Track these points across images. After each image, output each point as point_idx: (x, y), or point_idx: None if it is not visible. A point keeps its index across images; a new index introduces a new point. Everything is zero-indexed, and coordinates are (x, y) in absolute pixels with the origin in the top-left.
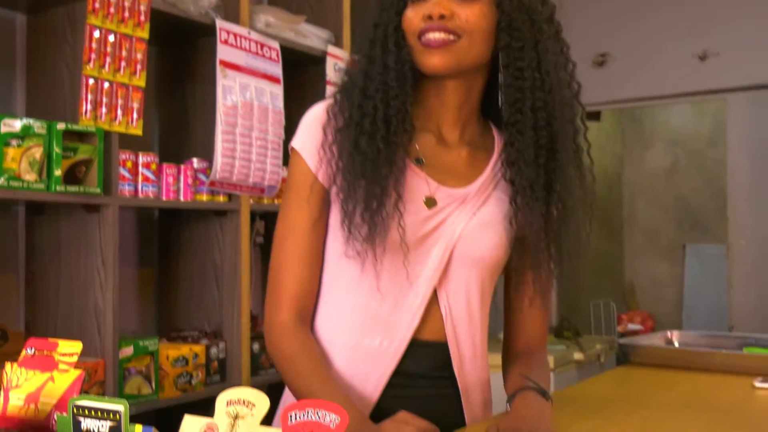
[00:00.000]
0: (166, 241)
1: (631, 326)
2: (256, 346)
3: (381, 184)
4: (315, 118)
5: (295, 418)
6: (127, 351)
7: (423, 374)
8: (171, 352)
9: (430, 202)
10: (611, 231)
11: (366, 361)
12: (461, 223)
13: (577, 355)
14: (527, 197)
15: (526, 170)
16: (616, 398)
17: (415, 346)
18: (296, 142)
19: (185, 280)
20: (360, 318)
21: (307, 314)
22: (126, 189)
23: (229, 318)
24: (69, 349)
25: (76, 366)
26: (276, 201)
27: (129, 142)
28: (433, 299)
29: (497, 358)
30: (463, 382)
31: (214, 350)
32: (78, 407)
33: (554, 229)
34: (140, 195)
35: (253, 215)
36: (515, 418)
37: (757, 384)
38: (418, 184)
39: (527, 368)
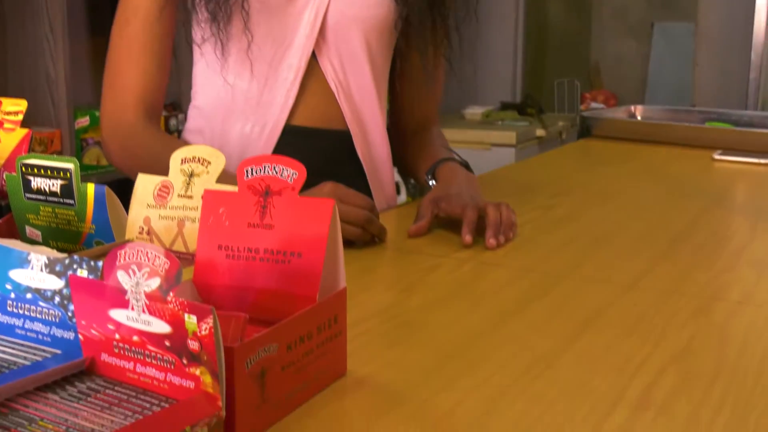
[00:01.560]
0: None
1: (594, 105)
2: None
3: None
4: None
5: (252, 173)
6: (83, 121)
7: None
8: None
9: None
10: (579, 9)
11: (237, 150)
12: None
13: (539, 132)
14: None
15: None
16: (577, 167)
17: (297, 131)
18: None
19: None
20: (227, 103)
21: (156, 113)
22: None
23: (187, 89)
24: (13, 107)
25: (24, 125)
26: None
27: None
28: (319, 75)
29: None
30: (370, 165)
31: (173, 122)
32: (27, 166)
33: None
34: None
35: None
36: (447, 188)
37: (716, 156)
38: None
39: (429, 143)
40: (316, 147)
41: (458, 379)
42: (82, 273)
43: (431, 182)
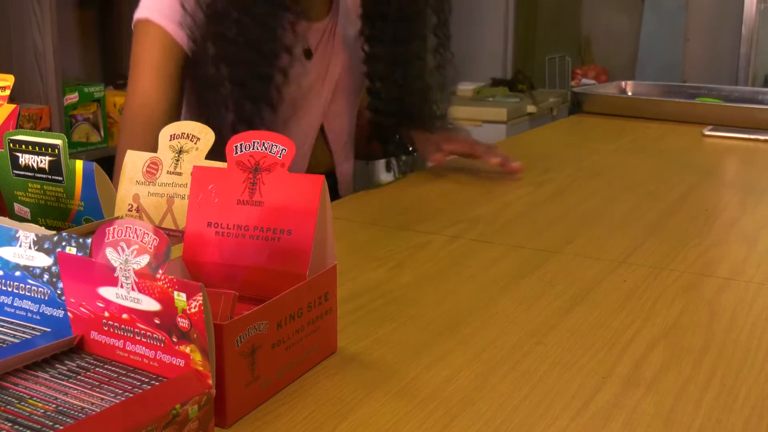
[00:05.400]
0: None
1: (585, 81)
2: None
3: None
4: None
5: (241, 150)
6: (72, 98)
7: None
8: (118, 99)
9: (308, 53)
10: None
11: None
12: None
13: (530, 108)
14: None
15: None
16: (568, 143)
17: None
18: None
19: (129, 24)
20: None
21: None
22: None
23: None
24: (0, 82)
25: (12, 101)
26: None
27: None
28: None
29: None
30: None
31: None
32: (14, 141)
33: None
34: None
35: None
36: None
37: (707, 132)
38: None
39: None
40: None
41: (448, 355)
42: (71, 250)
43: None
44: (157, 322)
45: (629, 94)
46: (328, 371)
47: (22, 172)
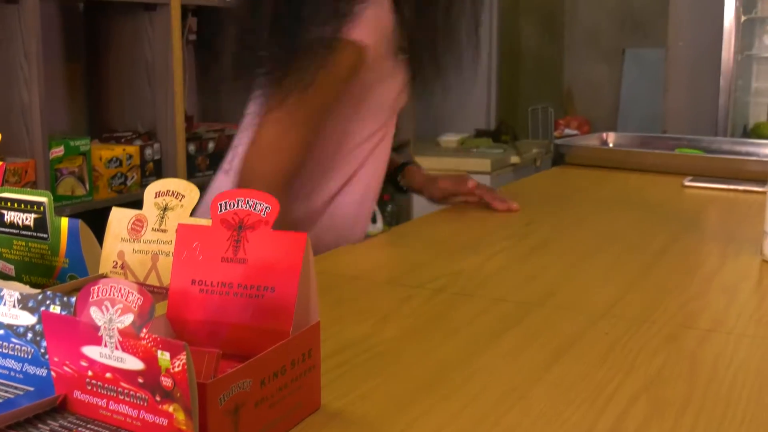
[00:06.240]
0: (94, 36)
1: (568, 131)
2: (192, 147)
3: None
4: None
5: (225, 207)
6: (58, 151)
7: None
8: (104, 152)
9: None
10: (552, 34)
11: None
12: None
13: (514, 159)
14: None
15: None
16: (551, 194)
17: None
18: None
19: (115, 78)
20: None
21: None
22: None
23: (163, 118)
24: None
25: None
26: None
27: None
28: None
29: None
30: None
31: (148, 151)
32: (0, 199)
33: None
34: None
35: (185, 11)
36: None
37: (686, 182)
38: None
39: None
40: None
41: (432, 411)
42: (55, 309)
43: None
44: (140, 381)
45: (610, 145)
46: (312, 428)
47: (7, 230)
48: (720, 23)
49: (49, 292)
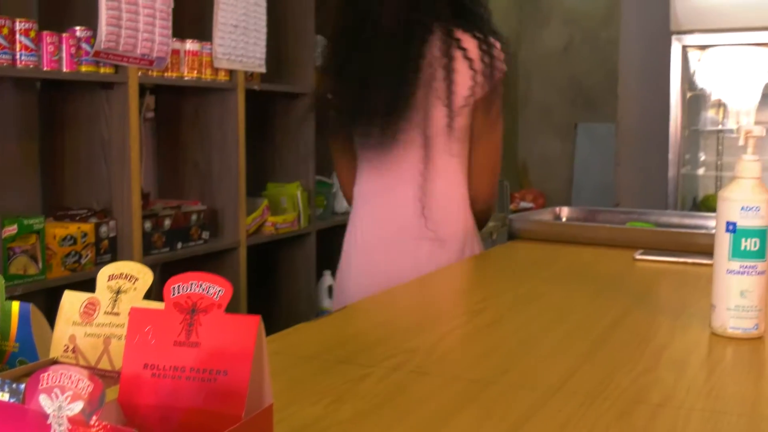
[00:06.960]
0: (49, 114)
1: (524, 204)
2: (148, 225)
3: None
4: None
5: (178, 291)
6: (11, 230)
7: None
8: (58, 231)
9: None
10: (507, 110)
11: None
12: None
13: None
14: None
15: None
16: (505, 270)
17: None
18: None
19: (71, 157)
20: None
21: None
22: (2, 58)
23: (119, 195)
24: None
25: None
26: (166, 74)
27: (4, 7)
28: None
29: None
30: None
31: (104, 229)
32: None
33: None
34: (18, 65)
35: (143, 89)
36: None
37: (637, 256)
38: None
39: None
40: None
41: None
42: (3, 396)
43: None
44: None
45: (563, 219)
46: None
47: None
48: (666, 99)
49: None
